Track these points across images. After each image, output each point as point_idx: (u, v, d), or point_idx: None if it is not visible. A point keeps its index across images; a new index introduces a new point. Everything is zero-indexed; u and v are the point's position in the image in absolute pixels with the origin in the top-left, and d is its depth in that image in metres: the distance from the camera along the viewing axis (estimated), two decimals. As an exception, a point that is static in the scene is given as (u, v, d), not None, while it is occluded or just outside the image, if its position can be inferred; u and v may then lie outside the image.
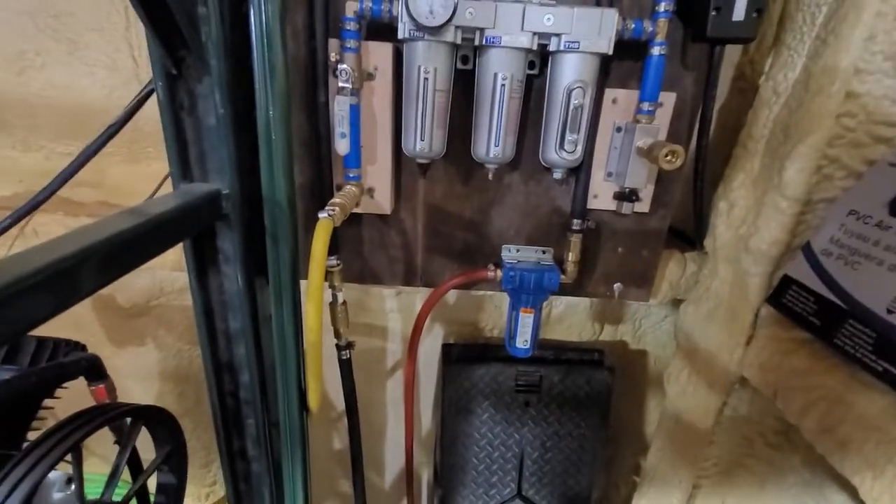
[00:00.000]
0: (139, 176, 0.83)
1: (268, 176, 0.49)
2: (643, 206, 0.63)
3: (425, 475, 1.13)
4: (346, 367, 0.70)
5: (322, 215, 0.48)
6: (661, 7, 0.51)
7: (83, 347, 0.73)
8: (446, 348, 0.91)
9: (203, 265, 0.53)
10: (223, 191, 0.49)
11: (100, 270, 0.35)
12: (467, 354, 0.89)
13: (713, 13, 0.50)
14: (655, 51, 0.52)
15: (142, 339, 0.95)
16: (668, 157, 0.48)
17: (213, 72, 0.45)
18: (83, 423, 0.57)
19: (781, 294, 0.53)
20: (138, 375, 0.99)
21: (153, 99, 0.79)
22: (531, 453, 0.89)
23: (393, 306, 0.94)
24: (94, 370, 0.68)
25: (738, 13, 0.49)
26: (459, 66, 0.56)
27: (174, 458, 0.69)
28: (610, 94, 0.57)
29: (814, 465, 0.66)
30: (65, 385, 0.67)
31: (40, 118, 0.79)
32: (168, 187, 0.54)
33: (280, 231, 0.52)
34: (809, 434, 0.50)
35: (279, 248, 0.53)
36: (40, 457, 0.52)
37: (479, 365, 0.86)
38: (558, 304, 0.93)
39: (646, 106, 0.55)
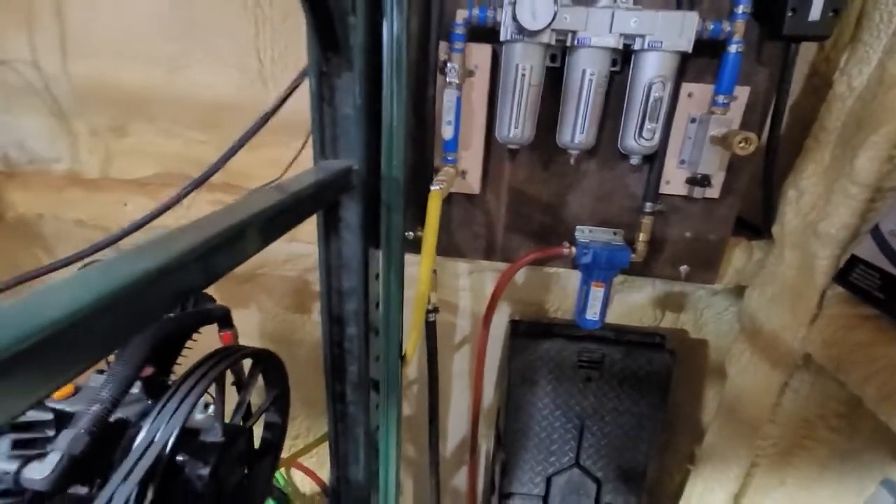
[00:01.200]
0: (256, 162, 0.97)
1: (387, 156, 0.59)
2: (713, 192, 0.68)
3: (484, 445, 1.22)
4: (431, 329, 0.79)
5: (434, 187, 0.58)
6: (739, 9, 0.57)
7: (214, 301, 0.87)
8: (514, 324, 0.99)
9: (328, 232, 0.65)
10: (353, 167, 0.60)
11: (261, 235, 0.44)
12: (534, 330, 0.97)
13: (790, 13, 0.55)
14: (732, 48, 0.58)
15: (246, 303, 1.10)
16: (742, 144, 0.53)
17: (355, 69, 0.56)
18: (222, 358, 0.70)
19: (848, 273, 0.57)
20: (242, 333, 1.13)
21: (271, 95, 0.92)
22: (590, 426, 0.96)
23: (465, 284, 1.03)
24: (226, 319, 0.81)
25: (815, 13, 0.54)
26: (548, 63, 0.64)
27: (280, 400, 0.82)
28: (686, 88, 0.63)
29: (876, 448, 0.68)
30: (200, 330, 0.81)
31: (181, 111, 0.95)
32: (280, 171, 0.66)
33: (393, 202, 0.62)
34: (871, 402, 0.53)
35: (391, 216, 0.63)
36: (194, 383, 0.66)
37: (545, 340, 0.93)
38: (620, 290, 0.98)
39: (721, 98, 0.60)
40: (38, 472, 0.43)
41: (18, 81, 0.96)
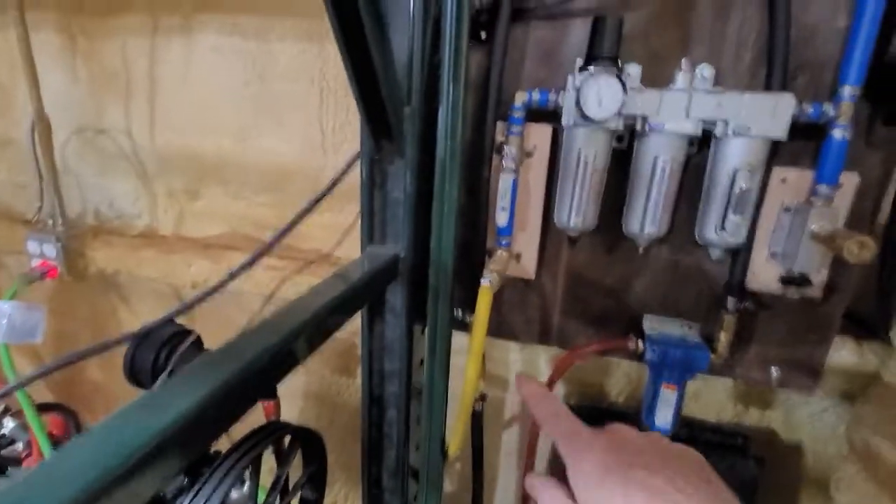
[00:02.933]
0: (315, 224, 0.99)
1: (437, 242, 0.56)
2: (814, 291, 0.58)
3: (533, 536, 1.10)
4: (477, 421, 0.73)
5: (484, 283, 0.54)
6: (846, 91, 0.49)
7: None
8: (572, 409, 0.90)
9: (372, 316, 0.62)
10: (400, 254, 0.57)
11: (308, 344, 0.42)
12: (592, 415, 0.87)
13: (913, 97, 0.46)
14: (837, 134, 0.50)
15: (295, 362, 1.10)
16: (856, 251, 0.45)
17: (407, 156, 0.54)
18: (263, 437, 0.68)
19: None
20: (288, 392, 1.13)
21: (329, 162, 0.95)
22: (658, 539, 0.82)
23: (517, 358, 0.96)
24: (269, 389, 0.80)
25: (947, 98, 0.45)
26: (614, 145, 0.59)
27: (317, 476, 0.78)
28: (779, 172, 0.55)
29: None
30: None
31: (249, 175, 0.99)
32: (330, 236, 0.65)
33: (441, 289, 0.58)
34: None
35: (439, 303, 0.59)
36: (233, 463, 0.64)
37: (605, 432, 0.83)
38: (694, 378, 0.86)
39: (823, 189, 0.52)
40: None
41: (113, 148, 1.06)
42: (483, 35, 0.60)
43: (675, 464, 0.27)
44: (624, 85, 0.49)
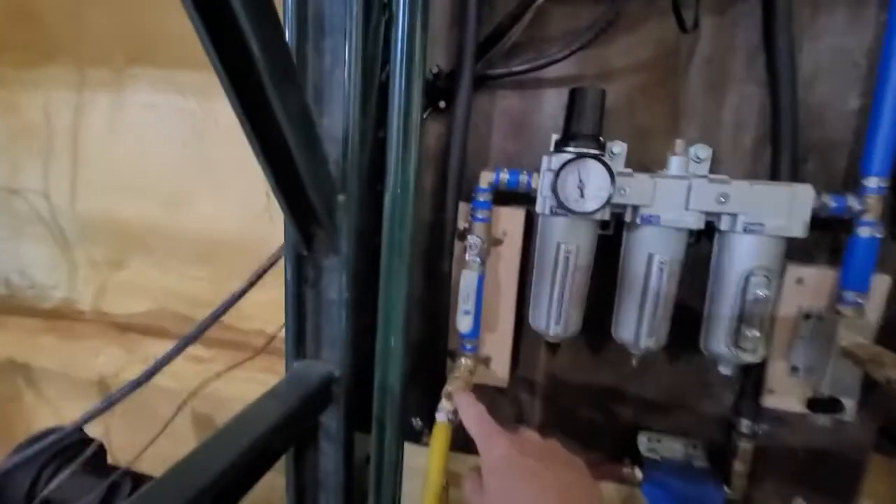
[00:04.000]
0: (253, 301, 0.86)
1: (382, 362, 0.44)
2: (847, 415, 0.47)
3: None
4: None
5: (440, 419, 0.41)
6: (872, 183, 0.41)
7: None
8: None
9: (303, 444, 0.48)
10: (335, 373, 0.45)
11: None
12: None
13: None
14: (864, 232, 0.41)
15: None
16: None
17: (342, 252, 0.43)
18: None
19: None
20: None
21: (278, 229, 0.83)
22: None
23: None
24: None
25: None
26: (600, 231, 0.49)
27: None
28: (793, 271, 0.46)
29: None
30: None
31: (179, 245, 0.86)
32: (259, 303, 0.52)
33: (388, 418, 0.46)
34: None
35: (385, 434, 0.46)
36: None
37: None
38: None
39: (851, 296, 0.42)
40: None
41: (27, 210, 0.93)
42: (442, 104, 0.51)
43: (560, 464, 0.34)
44: (612, 172, 0.40)
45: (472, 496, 0.35)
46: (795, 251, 0.47)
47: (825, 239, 0.47)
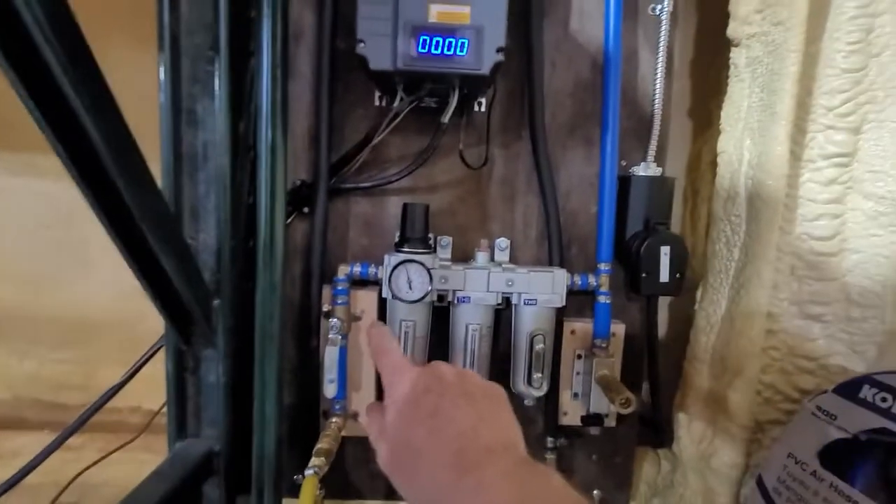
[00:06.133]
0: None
1: (259, 436, 0.53)
2: (610, 422, 0.67)
3: None
4: None
5: (308, 473, 0.51)
6: (603, 266, 0.62)
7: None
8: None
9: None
10: (215, 448, 0.52)
11: None
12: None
13: (644, 275, 0.60)
14: (601, 299, 0.62)
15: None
16: (622, 404, 0.54)
17: (219, 347, 0.51)
18: None
19: (747, 526, 0.56)
20: None
21: (150, 309, 0.85)
22: None
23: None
24: None
25: (664, 276, 0.60)
26: (436, 304, 0.64)
27: None
28: (569, 325, 0.66)
29: None
30: None
31: (42, 329, 0.84)
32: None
33: (265, 483, 0.54)
34: None
35: (264, 494, 0.54)
36: None
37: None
38: None
39: (599, 342, 0.62)
40: None
41: None
42: (306, 209, 0.62)
43: (469, 396, 0.32)
44: (430, 272, 0.55)
45: (371, 429, 0.34)
46: (570, 310, 0.66)
47: (588, 300, 0.67)
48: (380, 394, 0.67)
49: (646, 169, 0.63)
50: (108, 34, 0.71)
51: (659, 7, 0.63)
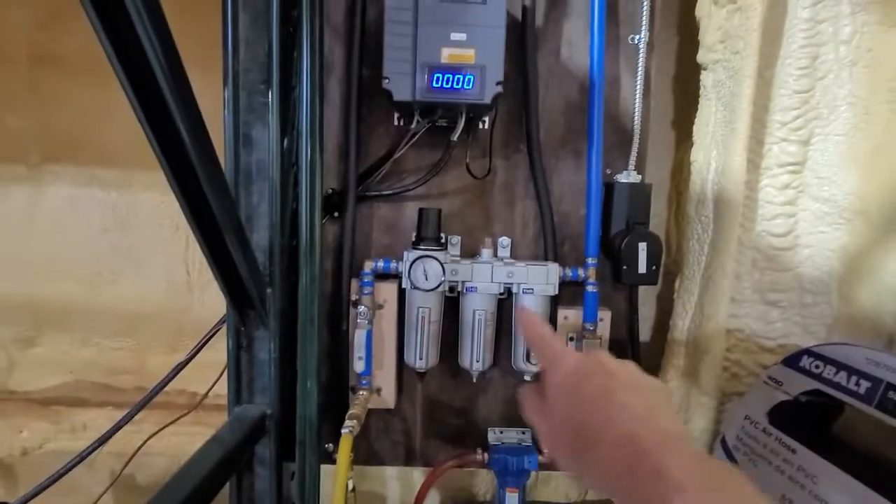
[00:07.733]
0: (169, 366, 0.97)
1: (302, 399, 0.64)
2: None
3: None
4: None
5: (344, 431, 0.62)
6: (590, 260, 0.72)
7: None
8: (442, 518, 0.97)
9: (243, 470, 0.65)
10: (267, 411, 0.63)
11: None
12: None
13: (624, 267, 0.70)
14: (589, 288, 0.72)
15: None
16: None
17: (270, 327, 0.62)
18: None
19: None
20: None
21: (196, 300, 0.96)
22: None
23: (392, 474, 1.02)
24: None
25: (642, 268, 0.70)
26: (448, 294, 0.74)
27: None
28: (562, 312, 0.76)
29: None
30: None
31: (99, 320, 0.95)
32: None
33: (308, 441, 0.65)
34: None
35: (306, 454, 0.65)
36: None
37: (474, 535, 0.92)
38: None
39: (588, 326, 0.73)
40: None
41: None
42: (336, 214, 0.73)
43: (637, 387, 0.30)
44: (443, 266, 0.65)
45: (531, 416, 0.33)
46: (564, 299, 0.77)
47: (579, 291, 0.77)
48: (400, 373, 0.78)
49: (627, 176, 0.73)
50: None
51: (637, 37, 0.73)
